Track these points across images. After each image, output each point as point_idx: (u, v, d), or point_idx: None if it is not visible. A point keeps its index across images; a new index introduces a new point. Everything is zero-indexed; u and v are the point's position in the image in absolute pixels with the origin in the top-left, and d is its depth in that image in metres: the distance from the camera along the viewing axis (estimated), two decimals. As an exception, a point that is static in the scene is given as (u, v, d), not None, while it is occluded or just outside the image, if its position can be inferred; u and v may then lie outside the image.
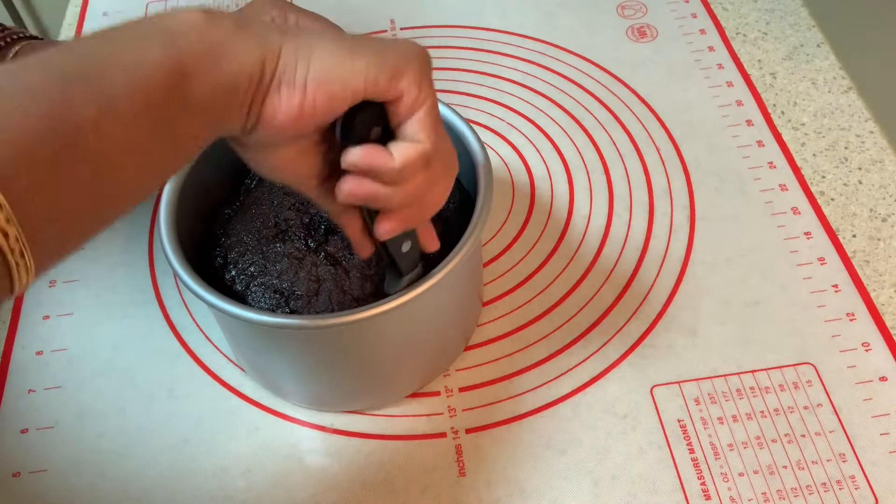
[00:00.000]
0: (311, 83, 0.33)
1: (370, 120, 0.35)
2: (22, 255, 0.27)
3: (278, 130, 0.34)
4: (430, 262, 0.43)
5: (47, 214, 0.27)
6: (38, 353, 0.55)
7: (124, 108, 0.28)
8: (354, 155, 0.35)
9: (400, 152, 0.35)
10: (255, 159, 0.37)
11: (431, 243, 0.43)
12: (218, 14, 0.32)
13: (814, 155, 0.62)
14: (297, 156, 0.37)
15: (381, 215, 0.38)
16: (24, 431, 0.51)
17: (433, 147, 0.36)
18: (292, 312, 0.45)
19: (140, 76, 0.29)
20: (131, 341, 0.55)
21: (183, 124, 0.31)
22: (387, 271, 0.44)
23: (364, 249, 0.42)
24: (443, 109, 0.49)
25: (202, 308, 0.56)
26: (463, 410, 0.50)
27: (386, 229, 0.38)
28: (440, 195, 0.39)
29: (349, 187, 0.36)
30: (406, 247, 0.42)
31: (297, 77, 0.33)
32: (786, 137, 0.63)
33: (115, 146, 0.29)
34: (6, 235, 0.26)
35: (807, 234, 0.57)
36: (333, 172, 0.37)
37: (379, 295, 0.45)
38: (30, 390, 0.53)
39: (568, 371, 0.52)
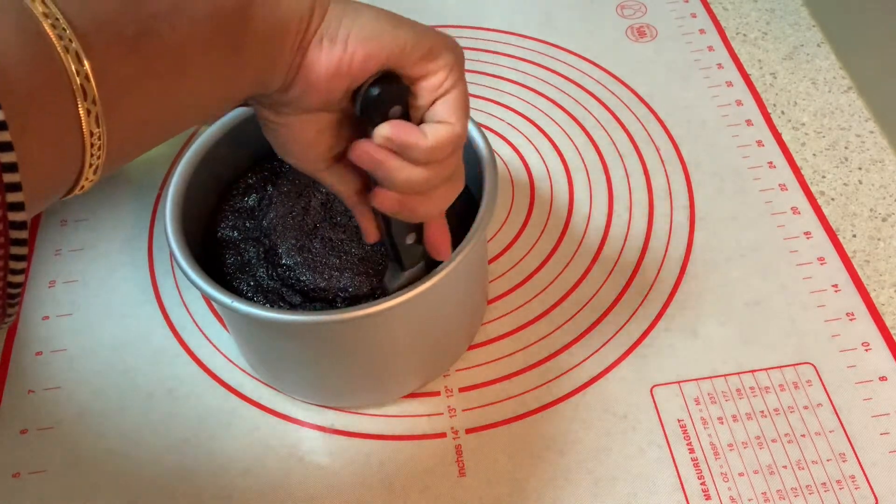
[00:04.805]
0: (353, 40, 0.33)
1: (394, 95, 0.35)
2: (95, 132, 0.27)
3: (313, 87, 0.34)
4: (433, 262, 0.43)
5: (127, 90, 0.28)
6: (38, 353, 0.54)
7: (197, 7, 0.30)
8: (387, 128, 0.35)
9: (433, 132, 0.35)
10: (277, 128, 0.37)
11: (442, 246, 0.42)
12: None
13: (814, 155, 0.62)
14: (317, 133, 0.37)
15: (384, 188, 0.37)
16: (23, 432, 0.51)
17: (463, 131, 0.36)
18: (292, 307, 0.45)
19: None
20: (131, 341, 0.55)
21: (244, 49, 0.32)
22: (389, 265, 0.44)
23: (371, 234, 0.42)
24: None
25: (202, 308, 0.56)
26: (463, 410, 0.50)
27: (382, 200, 0.37)
28: (446, 194, 0.38)
29: (379, 157, 0.35)
30: (410, 239, 0.41)
31: (340, 33, 0.33)
32: (786, 137, 0.63)
33: (187, 44, 0.29)
34: (85, 95, 0.26)
35: (807, 233, 0.57)
36: (346, 155, 0.37)
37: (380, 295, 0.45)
38: (29, 391, 0.53)
39: (568, 371, 0.52)
